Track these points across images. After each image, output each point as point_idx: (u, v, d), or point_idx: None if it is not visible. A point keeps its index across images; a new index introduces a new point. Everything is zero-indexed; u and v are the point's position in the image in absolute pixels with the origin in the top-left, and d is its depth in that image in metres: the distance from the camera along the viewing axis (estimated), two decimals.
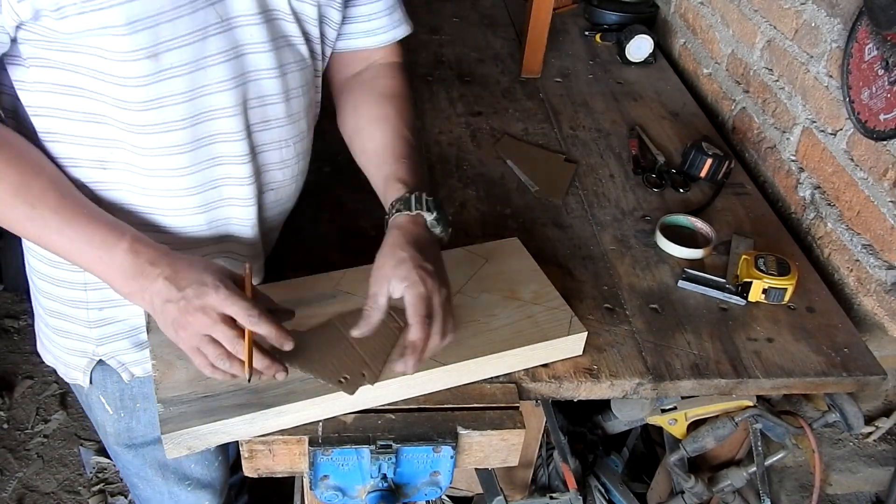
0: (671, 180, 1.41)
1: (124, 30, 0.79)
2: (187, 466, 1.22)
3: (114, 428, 1.17)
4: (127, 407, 1.14)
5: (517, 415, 0.94)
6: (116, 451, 1.23)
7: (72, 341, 1.07)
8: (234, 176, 0.96)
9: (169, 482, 1.23)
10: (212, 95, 0.89)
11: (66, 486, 2.04)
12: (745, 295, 1.15)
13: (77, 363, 1.10)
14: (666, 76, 1.81)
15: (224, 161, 0.95)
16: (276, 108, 0.96)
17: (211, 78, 0.88)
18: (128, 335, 1.06)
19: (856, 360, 1.07)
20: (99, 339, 1.06)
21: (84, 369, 1.10)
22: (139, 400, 1.13)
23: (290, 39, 0.95)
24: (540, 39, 1.69)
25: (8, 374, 2.29)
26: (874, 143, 1.18)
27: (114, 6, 0.77)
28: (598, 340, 1.06)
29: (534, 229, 1.27)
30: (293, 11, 0.93)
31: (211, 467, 1.25)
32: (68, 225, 0.85)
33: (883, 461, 1.37)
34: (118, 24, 0.78)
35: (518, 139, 1.52)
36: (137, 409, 1.14)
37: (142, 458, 1.20)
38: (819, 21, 1.32)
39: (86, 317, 1.04)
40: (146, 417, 1.15)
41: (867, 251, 1.20)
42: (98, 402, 1.15)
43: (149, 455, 1.20)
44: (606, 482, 1.39)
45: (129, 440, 1.18)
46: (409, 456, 0.91)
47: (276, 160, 1.01)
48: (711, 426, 1.18)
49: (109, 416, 1.15)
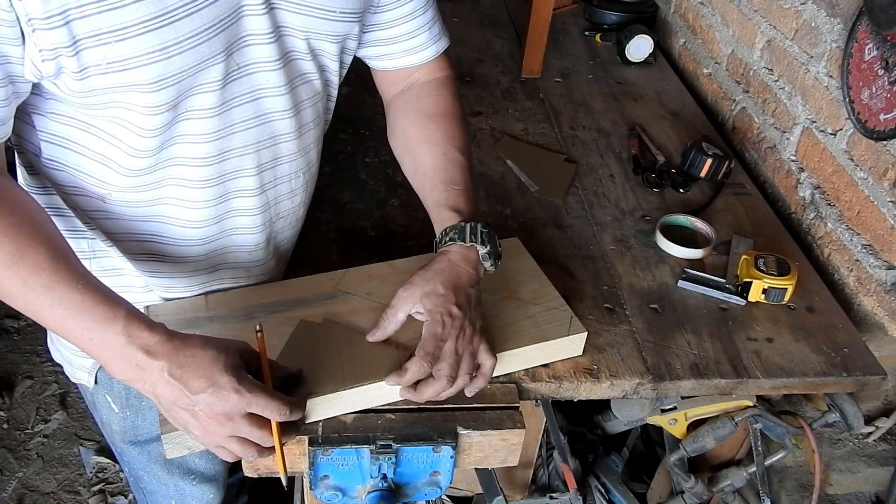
0: (671, 180, 1.41)
1: (150, 87, 0.78)
2: (191, 460, 1.23)
3: (120, 426, 1.18)
4: (133, 405, 1.14)
5: (517, 415, 0.94)
6: (122, 448, 1.23)
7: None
8: (245, 208, 0.97)
9: (174, 476, 1.24)
10: (228, 137, 0.90)
11: (66, 486, 2.04)
12: (745, 295, 1.15)
13: (83, 363, 1.10)
14: (666, 76, 1.81)
15: (235, 195, 0.96)
16: (289, 146, 0.97)
17: (228, 121, 0.89)
18: None
19: (856, 360, 1.07)
20: None
21: (90, 370, 1.11)
22: (144, 398, 1.12)
23: (306, 77, 0.94)
24: (540, 39, 1.69)
25: (8, 374, 2.29)
26: (874, 143, 1.18)
27: (141, 67, 0.76)
28: (598, 340, 1.06)
29: (534, 229, 1.27)
30: (311, 50, 0.92)
31: (215, 460, 1.26)
32: (60, 304, 0.77)
33: (883, 461, 1.37)
34: (145, 82, 0.77)
35: (518, 139, 1.52)
36: (143, 406, 1.14)
37: (147, 455, 1.21)
38: (819, 21, 1.32)
39: None
40: (152, 415, 1.15)
41: (867, 251, 1.20)
42: (104, 402, 1.15)
43: (154, 451, 1.20)
44: (606, 482, 1.39)
45: (134, 437, 1.19)
46: (409, 456, 0.91)
47: (286, 192, 1.02)
48: (711, 426, 1.18)
49: (116, 414, 1.16)
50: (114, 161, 0.87)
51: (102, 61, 0.74)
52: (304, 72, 0.94)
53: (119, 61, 0.75)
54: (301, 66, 0.93)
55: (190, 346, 0.78)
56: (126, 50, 0.74)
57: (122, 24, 0.73)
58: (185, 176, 0.90)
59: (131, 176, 0.88)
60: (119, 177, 0.88)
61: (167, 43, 0.76)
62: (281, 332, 0.95)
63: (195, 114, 0.85)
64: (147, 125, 0.82)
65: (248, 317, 0.97)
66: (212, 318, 0.96)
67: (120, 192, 0.90)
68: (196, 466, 1.24)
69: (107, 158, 0.87)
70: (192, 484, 1.26)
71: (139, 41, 0.74)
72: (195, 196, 0.92)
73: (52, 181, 0.92)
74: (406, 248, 1.18)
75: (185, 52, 0.78)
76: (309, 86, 0.96)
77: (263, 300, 0.99)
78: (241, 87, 0.87)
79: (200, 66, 0.81)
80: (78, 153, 0.88)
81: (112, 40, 0.73)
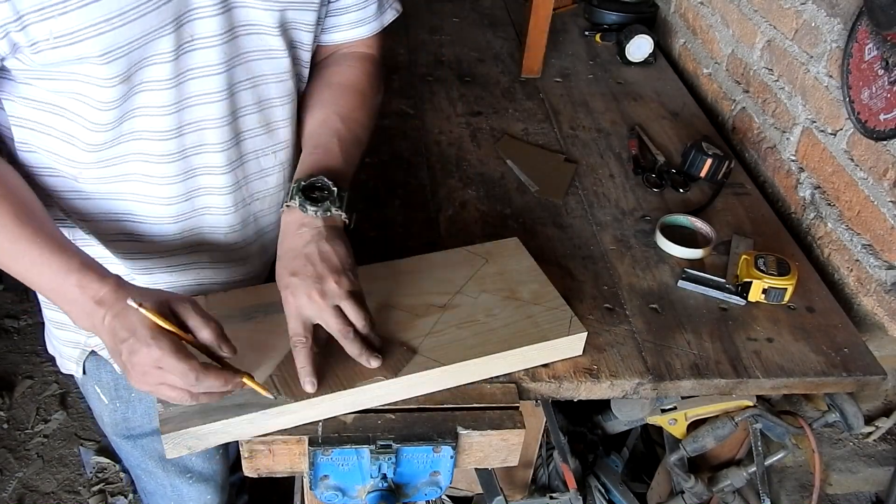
0: (671, 180, 1.41)
1: (101, 59, 0.80)
2: (188, 459, 1.23)
3: (111, 418, 1.18)
4: (122, 397, 1.15)
5: (517, 415, 0.94)
6: (117, 443, 1.24)
7: (66, 332, 1.09)
8: (214, 186, 0.98)
9: (170, 475, 1.24)
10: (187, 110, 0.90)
11: (66, 486, 2.04)
12: (745, 295, 1.15)
13: (70, 353, 1.11)
14: (666, 76, 1.81)
15: (201, 172, 0.96)
16: (247, 120, 0.96)
17: (184, 94, 0.89)
18: None
19: (856, 360, 1.07)
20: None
21: (77, 360, 1.11)
22: (134, 389, 1.13)
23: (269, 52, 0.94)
24: (540, 39, 1.69)
25: (8, 374, 2.29)
26: (874, 143, 1.18)
27: (88, 39, 0.77)
28: (598, 340, 1.06)
29: (534, 229, 1.27)
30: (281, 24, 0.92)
31: (212, 461, 1.26)
32: (23, 256, 0.83)
33: (883, 461, 1.37)
34: (94, 54, 0.79)
35: (518, 139, 1.52)
36: (132, 398, 1.15)
37: (141, 450, 1.21)
38: (819, 21, 1.32)
39: None
40: (142, 408, 1.15)
41: (867, 251, 1.20)
42: (94, 392, 1.16)
43: (147, 446, 1.20)
44: (606, 482, 1.39)
45: (126, 430, 1.19)
46: (409, 456, 0.91)
47: (255, 170, 1.01)
48: (711, 426, 1.18)
49: (105, 405, 1.16)
50: (77, 139, 0.88)
51: (50, 35, 0.76)
52: (265, 47, 0.93)
53: (66, 34, 0.76)
54: (263, 40, 0.92)
55: (133, 290, 0.82)
56: (71, 23, 0.76)
57: None
58: (147, 150, 0.91)
59: (95, 151, 0.89)
60: (84, 154, 0.89)
61: (111, 14, 0.77)
62: (281, 332, 0.95)
63: (150, 85, 0.85)
64: (103, 97, 0.83)
65: (248, 317, 0.97)
66: None
67: (88, 169, 0.91)
68: (193, 465, 1.24)
69: (71, 136, 0.88)
70: (189, 483, 1.25)
71: (82, 13, 0.76)
72: (160, 171, 0.93)
73: (27, 165, 0.93)
74: (406, 248, 1.18)
75: (130, 21, 0.79)
76: (272, 62, 0.95)
77: (263, 300, 0.99)
78: (196, 59, 0.87)
79: (150, 37, 0.81)
80: (46, 134, 0.89)
81: (55, 14, 0.75)
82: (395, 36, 1.89)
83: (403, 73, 1.72)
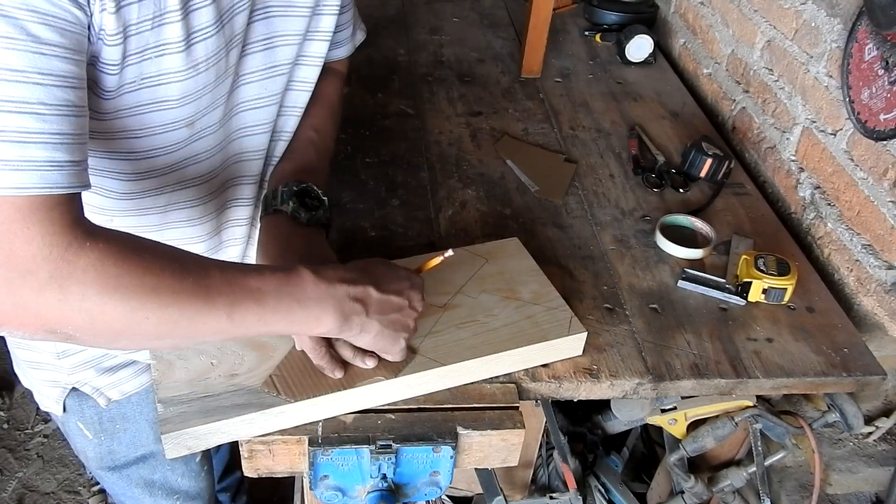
0: (671, 180, 1.41)
1: (176, 103, 0.80)
2: (174, 480, 1.21)
3: (95, 452, 1.16)
4: (107, 430, 1.13)
5: (517, 415, 0.94)
6: (101, 475, 1.21)
7: (42, 372, 1.06)
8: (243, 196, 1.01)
9: (157, 498, 1.22)
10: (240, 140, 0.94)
11: (66, 486, 2.04)
12: (744, 295, 1.15)
13: (50, 392, 1.09)
14: (666, 76, 1.81)
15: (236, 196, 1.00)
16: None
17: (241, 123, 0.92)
18: (93, 364, 1.06)
19: (856, 360, 1.07)
20: (70, 368, 1.05)
21: (57, 399, 1.09)
22: (118, 421, 1.12)
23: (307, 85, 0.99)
24: (540, 39, 1.69)
25: (8, 374, 2.29)
26: (874, 143, 1.18)
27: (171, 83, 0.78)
28: (598, 340, 1.06)
29: (534, 229, 1.27)
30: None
31: (198, 478, 1.25)
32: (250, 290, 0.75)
33: (883, 461, 1.37)
34: (173, 98, 0.79)
35: (518, 139, 1.52)
36: (118, 430, 1.13)
37: (126, 479, 1.19)
38: (819, 21, 1.32)
39: (53, 348, 1.03)
40: (127, 438, 1.14)
41: (867, 251, 1.20)
42: (76, 429, 1.13)
43: (133, 475, 1.19)
44: (606, 482, 1.39)
45: (111, 462, 1.17)
46: (409, 456, 0.91)
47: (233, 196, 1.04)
48: (711, 426, 1.18)
49: (90, 441, 1.14)
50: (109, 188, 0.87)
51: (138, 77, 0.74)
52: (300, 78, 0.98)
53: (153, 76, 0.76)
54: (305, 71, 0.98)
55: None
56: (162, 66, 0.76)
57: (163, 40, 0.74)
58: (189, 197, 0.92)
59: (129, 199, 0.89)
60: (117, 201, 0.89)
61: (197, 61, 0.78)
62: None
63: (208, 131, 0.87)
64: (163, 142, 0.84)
65: None
66: None
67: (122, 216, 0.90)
68: (179, 486, 1.22)
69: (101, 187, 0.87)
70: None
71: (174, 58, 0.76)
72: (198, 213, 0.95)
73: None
74: (406, 249, 1.18)
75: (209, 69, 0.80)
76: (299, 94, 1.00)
77: None
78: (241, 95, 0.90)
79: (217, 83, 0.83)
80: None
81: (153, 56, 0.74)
82: (395, 36, 1.89)
83: (403, 73, 1.72)
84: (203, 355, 0.91)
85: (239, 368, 0.90)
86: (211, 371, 0.90)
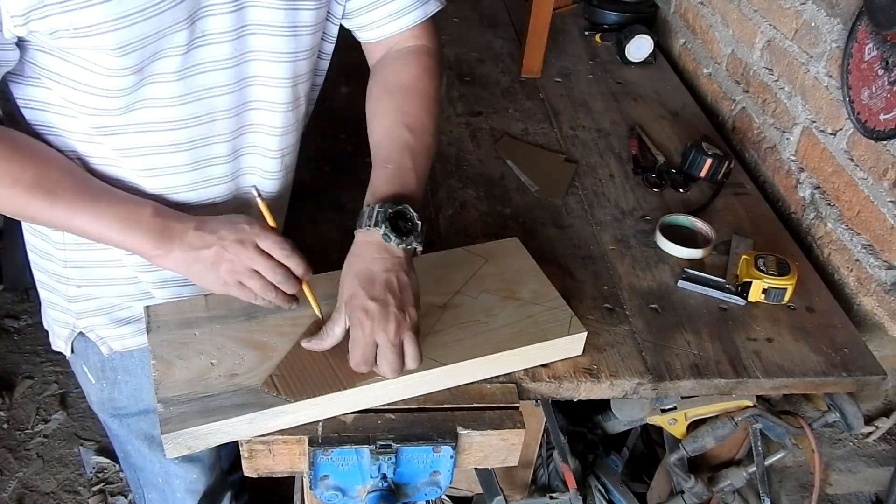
0: (671, 180, 1.41)
1: (115, 52, 0.81)
2: None
3: (97, 397, 1.20)
4: (108, 378, 1.17)
5: (517, 415, 0.94)
6: (104, 420, 1.26)
7: (56, 312, 1.12)
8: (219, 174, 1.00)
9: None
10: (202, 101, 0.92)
11: (66, 486, 2.04)
12: (744, 295, 1.15)
13: (60, 332, 1.14)
14: (666, 76, 1.81)
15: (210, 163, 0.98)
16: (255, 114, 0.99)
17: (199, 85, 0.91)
18: (105, 311, 1.09)
19: (856, 360, 1.07)
20: (78, 313, 1.09)
21: (66, 339, 1.14)
22: (119, 372, 1.16)
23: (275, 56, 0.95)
24: (540, 39, 1.69)
25: (8, 374, 2.29)
26: (874, 143, 1.18)
27: (106, 33, 0.79)
28: (598, 340, 1.06)
29: (534, 229, 1.27)
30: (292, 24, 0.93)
31: None
32: (92, 203, 0.88)
33: (883, 461, 1.37)
34: (110, 47, 0.81)
35: (518, 139, 1.52)
36: (119, 380, 1.17)
37: (127, 428, 1.23)
38: (819, 21, 1.32)
39: (65, 291, 1.07)
40: (127, 390, 1.18)
41: (867, 251, 1.20)
42: (82, 371, 1.18)
43: (134, 425, 1.22)
44: (606, 482, 1.39)
45: (113, 410, 1.21)
46: (409, 456, 0.91)
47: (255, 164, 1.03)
48: (711, 426, 1.18)
49: (93, 385, 1.19)
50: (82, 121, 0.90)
51: (70, 26, 0.78)
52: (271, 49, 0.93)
53: (85, 27, 0.78)
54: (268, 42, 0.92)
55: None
56: (92, 17, 0.78)
57: None
58: (154, 142, 0.92)
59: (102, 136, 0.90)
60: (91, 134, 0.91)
61: (130, 11, 0.79)
62: (280, 332, 0.95)
63: (159, 77, 0.87)
64: (112, 86, 0.85)
65: (249, 316, 0.97)
66: (211, 318, 0.96)
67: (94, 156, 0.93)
68: None
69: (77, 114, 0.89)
70: (176, 462, 1.27)
71: (103, 9, 0.78)
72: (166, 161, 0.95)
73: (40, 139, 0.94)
74: None
75: (147, 18, 0.80)
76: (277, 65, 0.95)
77: None
78: (205, 54, 0.89)
79: (163, 33, 0.83)
80: (56, 114, 0.90)
81: (77, 7, 0.77)
82: None
83: None
84: (203, 355, 0.91)
85: (239, 368, 0.90)
86: (211, 371, 0.90)
